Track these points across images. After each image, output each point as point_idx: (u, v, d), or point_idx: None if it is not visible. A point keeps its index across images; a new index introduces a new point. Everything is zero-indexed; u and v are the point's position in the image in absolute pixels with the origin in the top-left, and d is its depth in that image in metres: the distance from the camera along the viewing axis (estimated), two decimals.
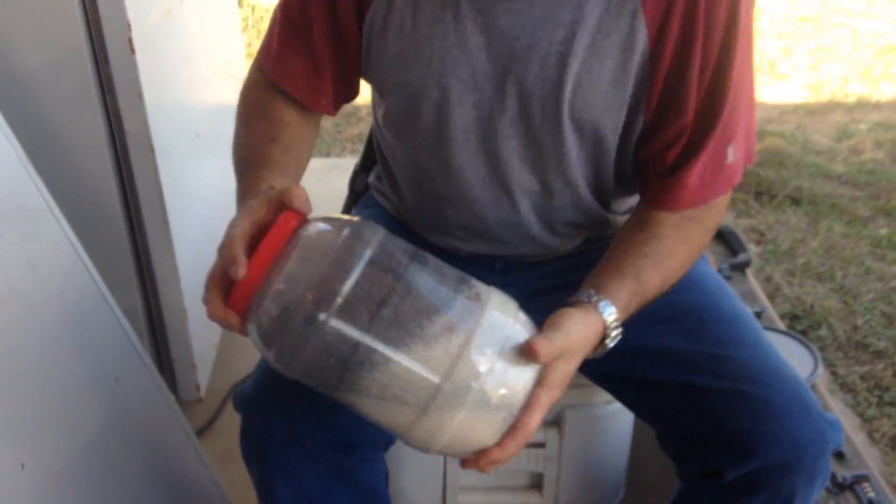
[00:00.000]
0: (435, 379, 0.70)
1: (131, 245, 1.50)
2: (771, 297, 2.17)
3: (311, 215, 0.77)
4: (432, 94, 0.92)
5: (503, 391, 0.72)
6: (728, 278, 1.65)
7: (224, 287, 0.74)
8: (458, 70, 0.90)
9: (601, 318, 0.81)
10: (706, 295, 1.01)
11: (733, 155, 0.90)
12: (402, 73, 0.93)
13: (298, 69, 0.97)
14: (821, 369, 1.39)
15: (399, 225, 1.13)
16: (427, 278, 0.75)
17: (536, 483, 1.28)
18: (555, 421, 1.20)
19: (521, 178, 0.97)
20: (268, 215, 0.76)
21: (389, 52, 0.93)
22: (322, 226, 0.75)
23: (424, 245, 0.91)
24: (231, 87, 2.09)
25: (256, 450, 0.97)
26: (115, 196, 1.43)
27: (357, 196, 1.25)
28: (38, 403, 1.04)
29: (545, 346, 0.72)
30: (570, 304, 0.83)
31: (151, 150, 1.40)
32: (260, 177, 0.87)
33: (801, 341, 1.46)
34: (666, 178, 0.91)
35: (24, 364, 1.02)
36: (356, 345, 0.71)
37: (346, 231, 0.74)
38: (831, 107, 3.41)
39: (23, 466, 0.98)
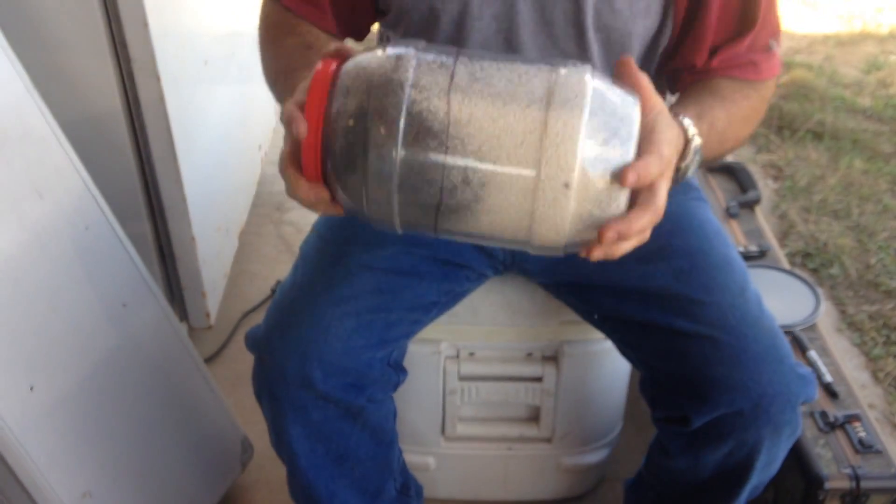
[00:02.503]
0: (531, 172, 0.63)
1: (139, 174, 1.50)
2: (784, 235, 2.15)
3: None
4: (451, 9, 0.90)
5: (608, 160, 0.64)
6: (735, 216, 1.64)
7: (298, 165, 0.70)
8: None
9: (682, 123, 0.77)
10: (701, 239, 1.01)
11: (777, 47, 0.92)
12: None
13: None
14: (822, 309, 1.39)
15: None
16: (484, 68, 0.67)
17: (533, 416, 1.30)
18: (552, 356, 1.22)
19: None
20: None
21: None
22: (361, 56, 0.69)
23: None
24: (242, 13, 2.07)
25: (268, 389, 0.99)
26: (122, 125, 1.43)
27: None
28: (46, 328, 1.07)
29: (650, 88, 0.69)
30: None
31: (157, 78, 1.39)
32: (302, 77, 0.79)
33: (804, 281, 1.45)
34: (721, 57, 0.90)
35: (31, 289, 1.05)
36: (441, 166, 0.64)
37: (382, 50, 0.67)
38: (862, 38, 3.31)
39: (32, 388, 1.02)
